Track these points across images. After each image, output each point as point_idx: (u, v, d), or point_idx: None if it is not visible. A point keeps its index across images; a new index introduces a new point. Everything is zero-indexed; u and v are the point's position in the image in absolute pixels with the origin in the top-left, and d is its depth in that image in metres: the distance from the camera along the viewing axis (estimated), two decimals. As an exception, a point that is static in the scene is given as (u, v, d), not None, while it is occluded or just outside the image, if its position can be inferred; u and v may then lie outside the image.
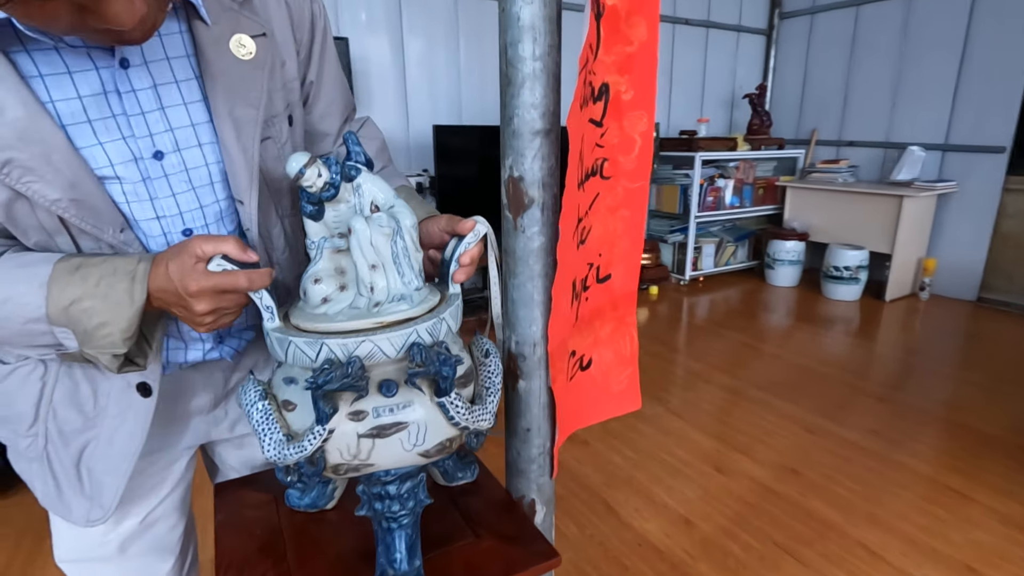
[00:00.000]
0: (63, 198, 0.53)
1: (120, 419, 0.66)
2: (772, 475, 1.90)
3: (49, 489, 0.69)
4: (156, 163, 0.58)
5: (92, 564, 0.79)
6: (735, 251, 4.41)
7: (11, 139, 0.49)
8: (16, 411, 0.66)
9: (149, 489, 0.80)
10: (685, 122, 4.37)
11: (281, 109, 0.66)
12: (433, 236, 0.69)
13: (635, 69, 0.76)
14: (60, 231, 0.56)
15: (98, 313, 0.53)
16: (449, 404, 0.58)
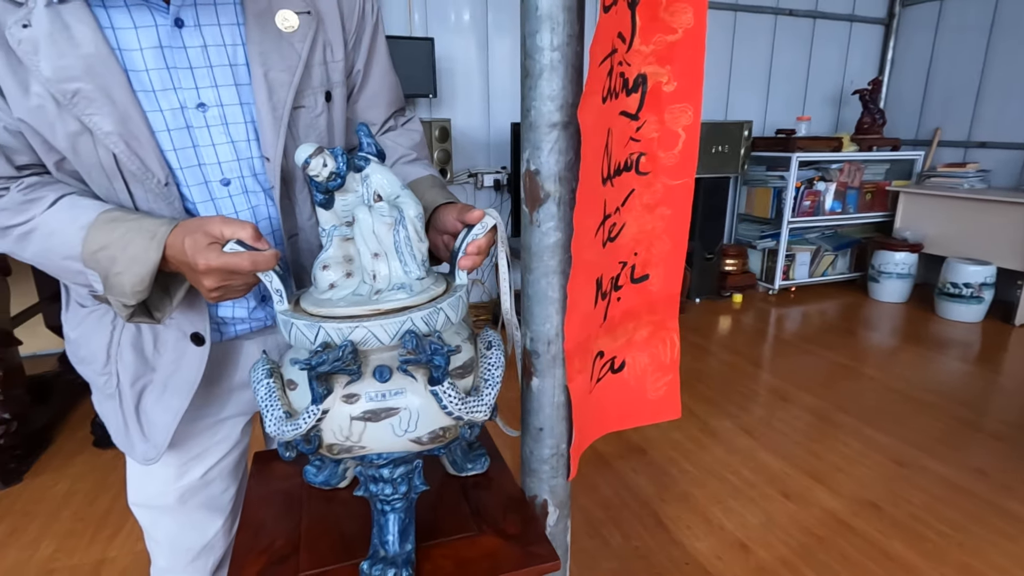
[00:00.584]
0: (115, 132, 0.60)
1: (175, 365, 0.73)
2: (849, 508, 1.73)
3: (120, 426, 0.78)
4: (199, 113, 0.65)
5: (154, 511, 0.88)
6: (834, 261, 4.05)
7: (80, 71, 0.57)
8: (92, 351, 0.74)
9: (207, 449, 0.87)
10: (784, 120, 4.07)
11: (318, 83, 0.71)
12: (448, 224, 0.70)
13: (679, 59, 0.71)
14: (116, 175, 0.63)
15: (117, 262, 0.59)
16: (442, 393, 0.58)
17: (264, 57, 0.66)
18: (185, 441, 0.83)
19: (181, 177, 0.66)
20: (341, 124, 0.77)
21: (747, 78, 3.93)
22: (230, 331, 0.79)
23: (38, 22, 0.56)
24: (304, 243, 0.78)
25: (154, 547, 0.91)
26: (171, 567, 0.92)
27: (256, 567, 0.64)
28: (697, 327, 3.30)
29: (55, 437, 2.12)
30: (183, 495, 0.87)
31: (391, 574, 0.62)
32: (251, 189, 0.71)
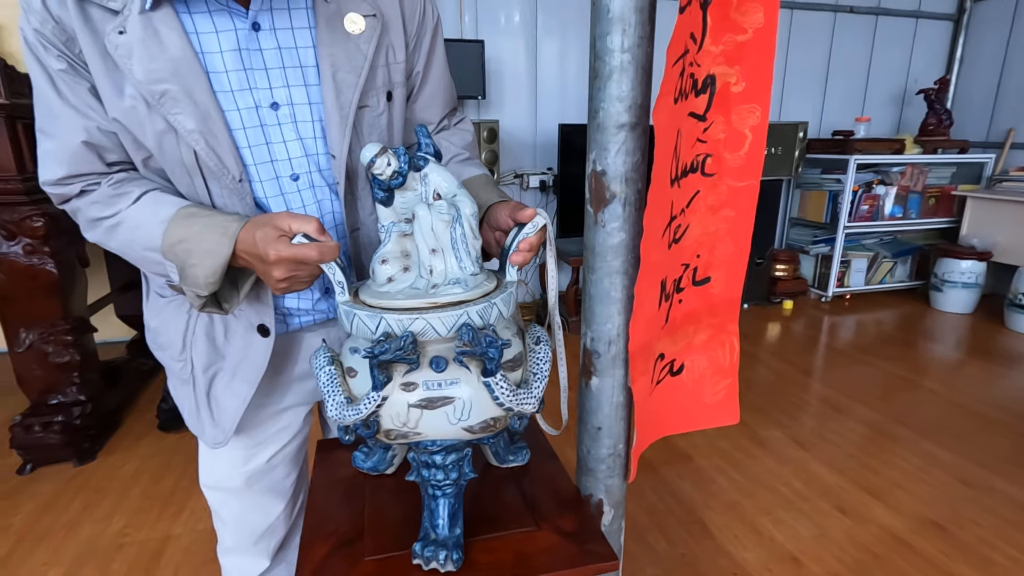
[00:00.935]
0: (196, 130, 0.64)
1: (242, 354, 0.77)
2: (909, 526, 1.65)
3: (192, 410, 0.83)
4: (272, 112, 0.69)
5: (223, 492, 0.93)
6: (893, 268, 3.87)
7: (167, 73, 0.61)
8: (170, 338, 0.80)
9: (271, 436, 0.91)
10: (841, 121, 3.92)
11: (381, 84, 0.73)
12: (500, 221, 0.73)
13: (748, 59, 0.71)
14: (196, 171, 0.67)
15: (193, 254, 0.64)
16: (494, 384, 0.59)
17: (333, 59, 0.69)
18: (251, 428, 0.88)
19: (254, 173, 0.70)
20: (400, 123, 0.79)
21: (803, 78, 3.81)
22: (294, 323, 0.83)
23: (132, 28, 0.60)
24: (365, 237, 0.81)
25: (221, 527, 0.96)
26: (236, 546, 0.96)
27: (324, 550, 0.67)
28: (745, 333, 3.22)
29: (124, 420, 2.25)
30: (249, 479, 0.91)
31: (442, 556, 0.64)
32: (317, 184, 0.74)
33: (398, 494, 0.78)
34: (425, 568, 0.64)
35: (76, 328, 1.95)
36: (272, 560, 0.98)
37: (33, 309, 1.88)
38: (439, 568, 0.64)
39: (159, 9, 0.61)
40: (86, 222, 0.71)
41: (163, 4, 0.61)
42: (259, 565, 0.97)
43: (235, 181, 0.68)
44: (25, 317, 1.88)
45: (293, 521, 1.01)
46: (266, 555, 0.97)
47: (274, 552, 0.98)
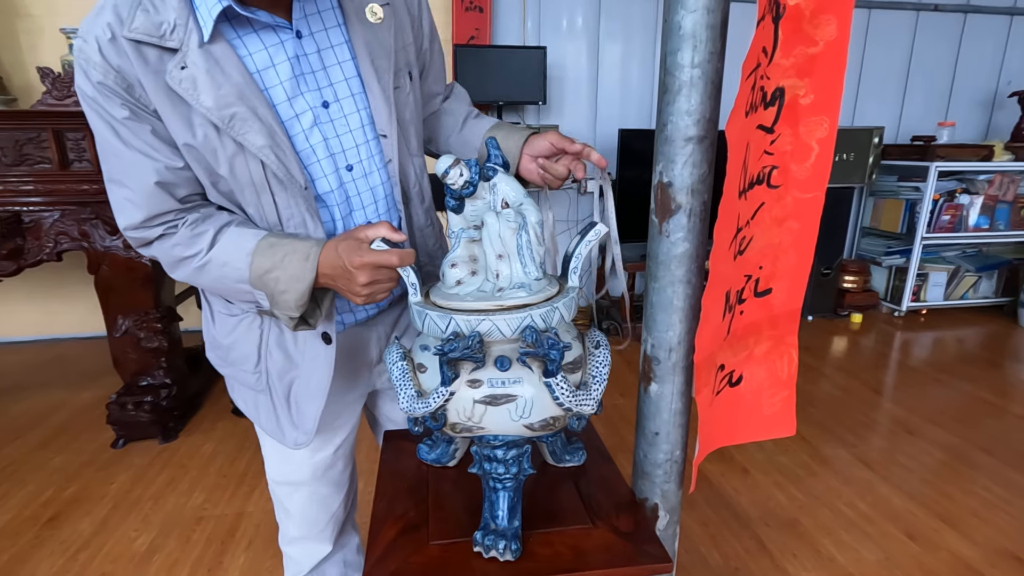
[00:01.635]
0: (266, 145, 0.68)
1: (314, 361, 0.83)
2: (986, 558, 1.55)
3: (271, 417, 0.88)
4: (324, 111, 0.73)
5: (291, 486, 0.99)
6: (976, 283, 3.62)
7: (233, 98, 0.66)
8: (243, 353, 0.84)
9: (335, 430, 0.98)
10: (922, 126, 3.70)
11: (403, 64, 0.79)
12: (543, 148, 0.79)
13: (818, 71, 0.71)
14: (264, 187, 0.71)
15: (281, 282, 0.69)
16: (555, 385, 0.62)
17: (368, 48, 0.74)
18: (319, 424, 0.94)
19: (316, 171, 0.74)
20: (419, 98, 0.85)
21: (880, 81, 3.62)
22: (350, 320, 0.89)
23: (194, 62, 0.64)
24: (412, 214, 0.86)
25: (285, 518, 1.03)
26: (302, 536, 1.03)
27: (392, 532, 0.72)
28: (809, 347, 3.10)
29: (203, 403, 2.43)
30: (315, 472, 0.97)
31: (501, 545, 0.67)
32: (368, 171, 0.78)
33: (459, 485, 0.82)
34: (485, 556, 0.68)
35: (165, 317, 2.13)
36: (334, 545, 1.05)
37: (129, 298, 2.06)
38: (499, 556, 0.68)
39: (216, 41, 0.65)
40: (171, 263, 0.74)
41: (218, 35, 0.66)
42: (322, 550, 1.04)
43: (301, 189, 0.72)
44: (122, 306, 2.07)
45: (349, 509, 1.08)
46: (329, 541, 1.04)
47: (335, 537, 1.05)
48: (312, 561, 1.04)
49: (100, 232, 1.98)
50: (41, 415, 2.35)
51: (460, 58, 2.83)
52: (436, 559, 0.68)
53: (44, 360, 2.94)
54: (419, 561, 0.67)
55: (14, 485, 1.87)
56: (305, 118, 0.72)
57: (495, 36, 3.14)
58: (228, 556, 1.56)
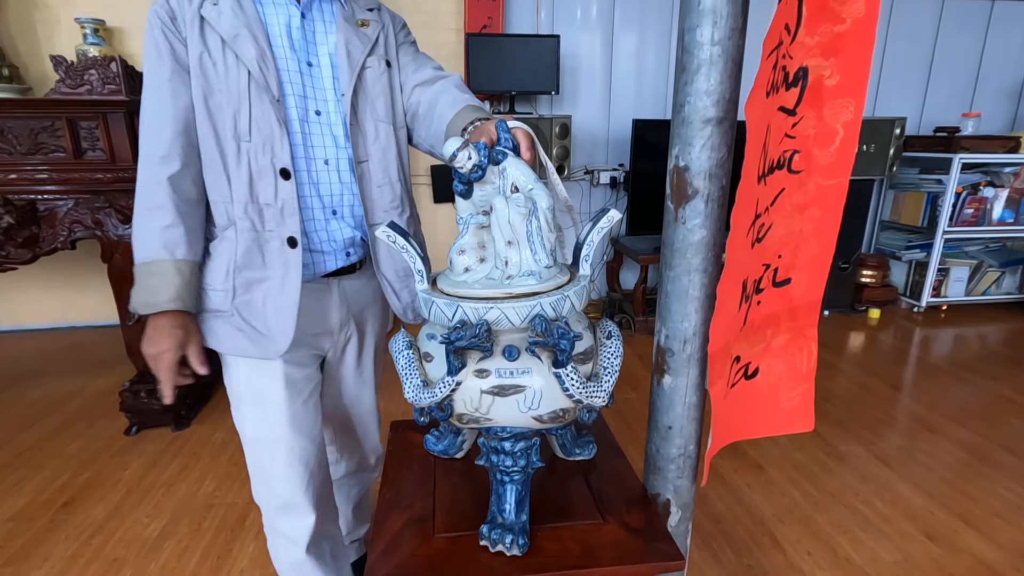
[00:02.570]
0: (254, 58, 0.86)
1: (283, 269, 0.91)
2: (1009, 561, 1.51)
3: (237, 336, 0.93)
4: (308, 68, 0.93)
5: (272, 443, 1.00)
6: (1000, 279, 3.52)
7: (242, 26, 0.86)
8: (215, 271, 0.92)
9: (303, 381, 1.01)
10: (945, 117, 3.61)
11: (381, 53, 0.99)
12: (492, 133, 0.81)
13: (845, 51, 0.68)
14: (245, 98, 0.86)
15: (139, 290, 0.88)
16: (565, 376, 0.60)
17: (346, 39, 0.95)
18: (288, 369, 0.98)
19: (290, 102, 0.90)
20: (398, 87, 1.01)
21: (902, 70, 3.53)
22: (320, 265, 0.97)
23: (224, 3, 0.87)
24: (369, 172, 0.97)
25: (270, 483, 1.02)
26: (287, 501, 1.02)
27: (399, 523, 0.71)
28: (825, 342, 3.04)
29: (215, 393, 2.45)
30: (293, 422, 0.99)
31: (508, 540, 0.66)
32: (333, 122, 0.94)
33: (467, 477, 0.80)
34: (492, 550, 0.67)
35: (178, 307, 2.14)
36: (315, 513, 1.04)
37: (143, 288, 2.07)
38: (505, 551, 0.66)
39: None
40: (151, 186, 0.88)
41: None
42: (308, 520, 1.04)
43: (274, 99, 0.87)
44: (136, 295, 2.08)
45: (325, 477, 1.08)
46: (312, 505, 1.04)
47: (316, 503, 1.04)
48: (304, 535, 1.04)
49: (113, 221, 1.99)
50: (57, 402, 2.38)
51: (472, 47, 2.80)
52: (442, 552, 0.66)
53: (60, 348, 2.97)
54: (425, 554, 0.66)
55: (31, 470, 1.90)
56: (292, 66, 0.91)
57: (508, 25, 3.10)
58: (238, 544, 1.56)
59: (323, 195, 0.94)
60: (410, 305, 1.06)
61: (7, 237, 1.91)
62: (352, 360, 1.13)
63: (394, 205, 1.00)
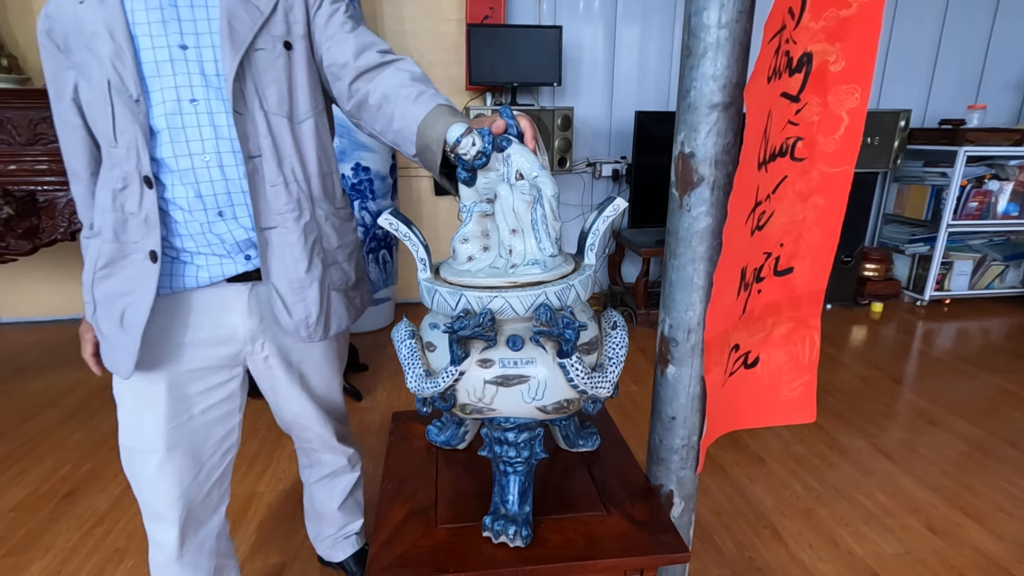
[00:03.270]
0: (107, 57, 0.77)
1: (142, 283, 0.83)
2: (1012, 555, 1.51)
3: (106, 346, 0.89)
4: (181, 51, 0.81)
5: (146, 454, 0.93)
6: (1003, 272, 3.51)
7: (99, 22, 0.78)
8: (84, 280, 0.89)
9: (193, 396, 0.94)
10: (951, 109, 3.58)
11: (278, 33, 0.85)
12: None
13: (851, 36, 0.67)
14: (107, 100, 0.79)
15: None
16: (569, 366, 0.60)
17: (230, 14, 0.82)
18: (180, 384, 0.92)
19: (156, 97, 0.80)
20: (303, 72, 0.89)
21: (907, 61, 3.50)
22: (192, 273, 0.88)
23: None
24: (262, 169, 0.86)
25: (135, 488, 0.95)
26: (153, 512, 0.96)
27: (400, 515, 0.70)
28: (827, 335, 3.03)
29: (216, 386, 2.45)
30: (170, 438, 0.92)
31: (511, 531, 0.65)
32: (215, 111, 0.83)
33: (469, 469, 0.80)
34: (495, 541, 0.66)
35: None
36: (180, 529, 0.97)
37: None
38: (508, 542, 0.66)
39: None
40: None
41: None
42: (172, 533, 0.97)
43: (131, 100, 0.79)
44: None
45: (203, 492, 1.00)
46: (179, 520, 0.97)
47: (184, 520, 0.97)
48: (171, 543, 0.98)
49: (114, 213, 1.99)
50: (58, 394, 2.38)
51: (473, 38, 2.78)
52: (444, 543, 0.66)
53: (62, 340, 2.98)
54: (427, 545, 0.65)
55: (32, 461, 1.90)
56: (160, 52, 0.80)
57: (510, 15, 3.08)
58: (238, 535, 1.57)
59: (204, 195, 0.84)
60: (304, 321, 0.92)
61: (7, 228, 1.91)
62: (281, 374, 1.01)
63: (289, 207, 0.88)
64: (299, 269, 0.89)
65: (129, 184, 0.81)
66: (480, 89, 3.10)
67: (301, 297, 0.91)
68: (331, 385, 1.10)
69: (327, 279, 0.93)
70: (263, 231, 0.87)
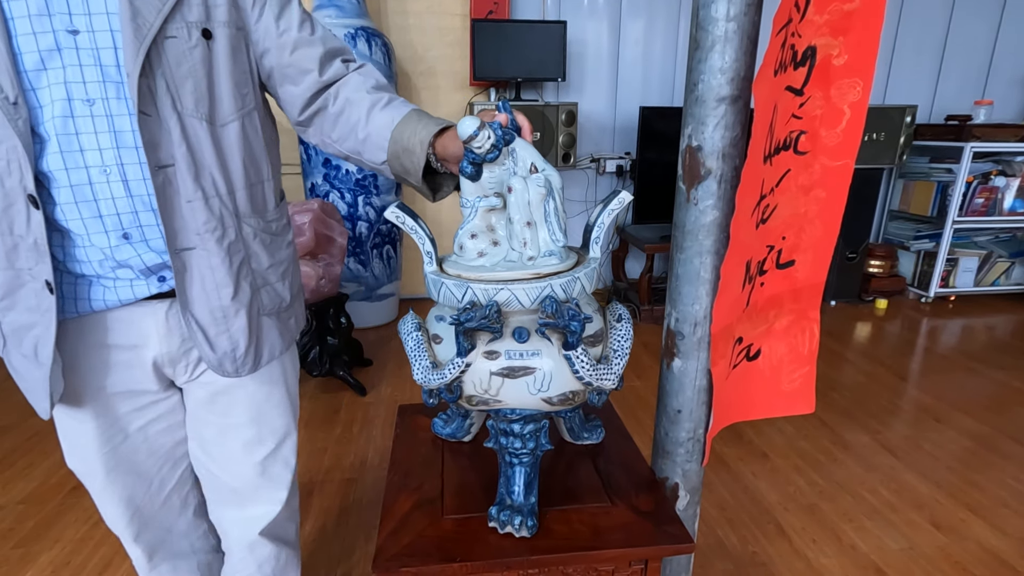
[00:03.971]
0: None
1: (44, 316, 0.72)
2: (1016, 551, 1.51)
3: (20, 385, 0.77)
4: (70, 37, 0.66)
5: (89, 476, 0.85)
6: (1009, 269, 3.49)
7: None
8: None
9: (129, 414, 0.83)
10: (957, 105, 3.56)
11: (195, 19, 0.71)
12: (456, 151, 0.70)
13: (854, 29, 0.67)
14: None
15: None
16: (575, 358, 0.60)
17: None
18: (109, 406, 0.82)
19: (44, 96, 0.66)
20: (227, 66, 0.75)
21: (914, 56, 3.48)
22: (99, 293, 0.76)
23: None
24: (175, 181, 0.72)
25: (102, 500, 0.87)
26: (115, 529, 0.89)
27: (407, 505, 0.71)
28: (832, 331, 3.02)
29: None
30: (108, 461, 0.84)
31: (517, 521, 0.66)
32: (116, 113, 0.69)
33: (474, 461, 0.81)
34: (501, 531, 0.67)
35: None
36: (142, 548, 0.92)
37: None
38: (514, 532, 0.66)
39: None
40: None
41: None
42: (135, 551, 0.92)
43: (8, 102, 0.64)
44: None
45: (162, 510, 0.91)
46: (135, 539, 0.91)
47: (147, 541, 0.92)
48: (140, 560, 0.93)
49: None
50: (67, 389, 2.40)
51: (478, 33, 2.78)
52: (450, 533, 0.67)
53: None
54: (433, 535, 0.66)
55: (39, 455, 1.92)
56: (43, 39, 0.65)
57: (514, 10, 3.07)
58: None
59: (105, 214, 0.70)
60: (230, 355, 0.80)
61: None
62: (203, 394, 0.86)
63: (210, 226, 0.75)
64: (223, 296, 0.78)
65: (13, 203, 0.67)
66: (484, 84, 3.10)
67: (225, 328, 0.79)
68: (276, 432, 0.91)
69: (256, 304, 0.81)
70: (178, 253, 0.74)
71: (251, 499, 0.91)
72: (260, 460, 0.89)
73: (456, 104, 3.18)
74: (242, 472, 0.89)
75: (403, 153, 0.72)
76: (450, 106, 3.18)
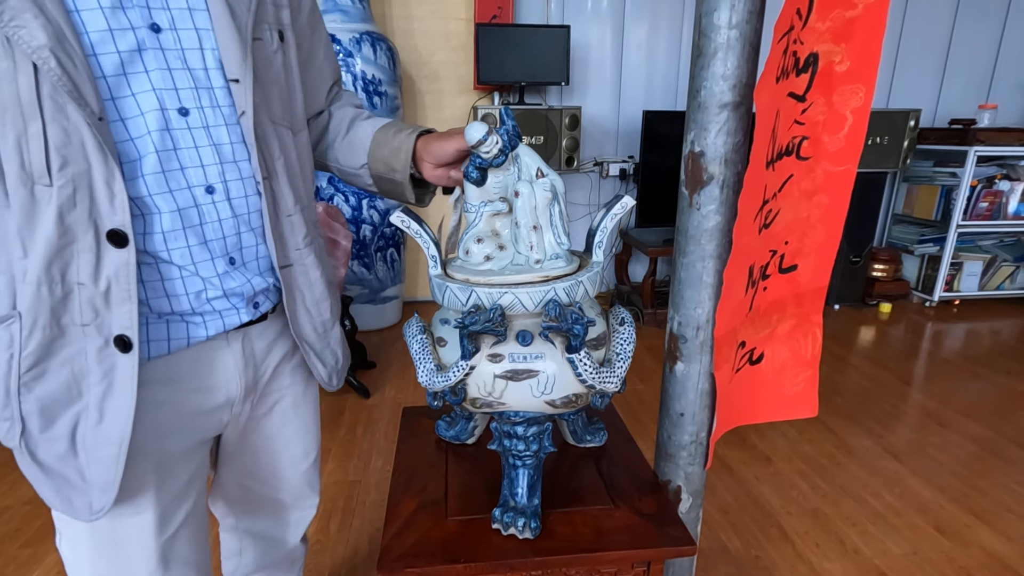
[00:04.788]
0: (45, 46, 0.49)
1: (105, 385, 0.58)
2: (1021, 556, 1.50)
3: (40, 482, 0.62)
4: (153, 36, 0.56)
5: None
6: (1014, 273, 3.48)
7: None
8: None
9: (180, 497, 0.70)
10: (961, 109, 3.55)
11: (272, 20, 0.66)
12: (448, 155, 0.72)
13: (856, 36, 0.68)
14: (34, 113, 0.51)
15: None
16: (578, 361, 0.61)
17: None
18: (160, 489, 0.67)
19: (131, 107, 0.56)
20: (297, 70, 0.70)
21: (917, 61, 3.48)
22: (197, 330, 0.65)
23: None
24: (277, 196, 0.67)
25: None
26: None
27: (411, 507, 0.72)
28: (835, 335, 3.02)
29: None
30: (163, 559, 0.69)
31: (520, 523, 0.67)
32: (212, 124, 0.61)
33: (478, 463, 0.81)
34: (504, 533, 0.67)
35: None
36: None
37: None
38: (517, 534, 0.67)
39: None
40: None
41: None
42: None
43: (94, 118, 0.52)
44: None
45: None
46: None
47: None
48: None
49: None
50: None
51: (482, 37, 2.79)
52: (454, 534, 0.67)
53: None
54: (437, 536, 0.67)
55: (47, 457, 1.94)
56: (124, 38, 0.55)
57: (518, 15, 3.09)
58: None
59: (210, 239, 0.62)
60: (335, 368, 0.79)
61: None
62: (273, 428, 0.81)
63: (307, 240, 0.71)
64: (323, 311, 0.74)
65: (73, 242, 0.54)
66: (488, 88, 3.11)
67: (327, 342, 0.76)
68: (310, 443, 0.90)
69: (336, 310, 0.80)
70: (284, 269, 0.68)
71: (292, 507, 0.93)
72: (304, 470, 0.90)
73: (460, 108, 3.20)
74: (289, 485, 0.89)
75: (392, 156, 0.73)
76: (454, 110, 3.19)
